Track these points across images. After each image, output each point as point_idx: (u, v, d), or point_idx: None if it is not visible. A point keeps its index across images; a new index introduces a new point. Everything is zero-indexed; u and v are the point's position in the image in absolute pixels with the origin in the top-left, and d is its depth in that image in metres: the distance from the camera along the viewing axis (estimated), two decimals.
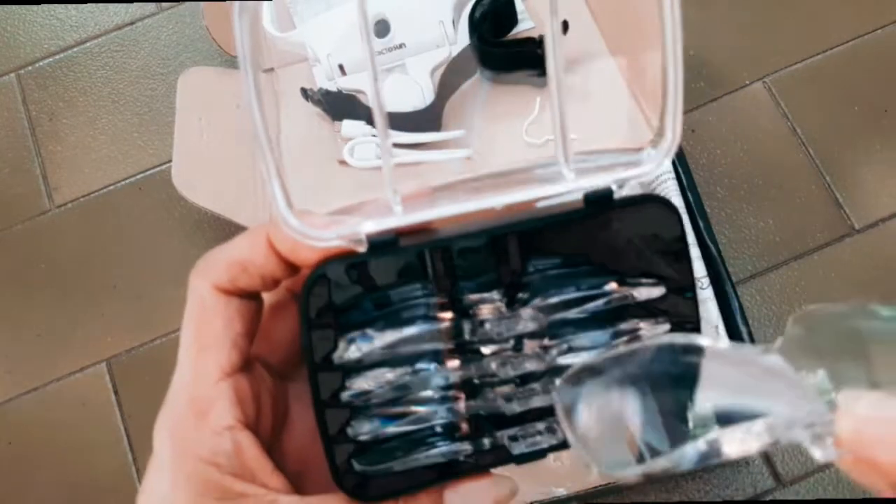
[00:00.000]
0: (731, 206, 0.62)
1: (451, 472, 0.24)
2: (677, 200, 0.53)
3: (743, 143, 0.64)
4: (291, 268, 0.23)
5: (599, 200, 0.22)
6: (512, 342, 0.24)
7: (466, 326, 0.23)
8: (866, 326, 0.20)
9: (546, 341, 0.24)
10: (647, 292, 0.24)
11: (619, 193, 0.23)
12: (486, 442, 0.24)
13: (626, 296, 0.24)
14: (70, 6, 0.75)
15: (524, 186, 0.22)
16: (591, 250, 0.24)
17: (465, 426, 0.24)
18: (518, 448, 0.24)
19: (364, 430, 0.23)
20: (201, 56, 0.71)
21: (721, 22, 0.68)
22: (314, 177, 0.61)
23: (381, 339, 0.23)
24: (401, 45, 0.59)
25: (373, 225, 0.22)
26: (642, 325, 0.24)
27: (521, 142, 0.58)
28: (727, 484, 0.56)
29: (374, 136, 0.60)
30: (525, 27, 0.62)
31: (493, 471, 0.24)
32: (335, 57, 0.60)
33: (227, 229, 0.64)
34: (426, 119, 0.58)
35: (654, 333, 0.24)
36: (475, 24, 0.58)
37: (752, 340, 0.52)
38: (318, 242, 0.21)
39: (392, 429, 0.23)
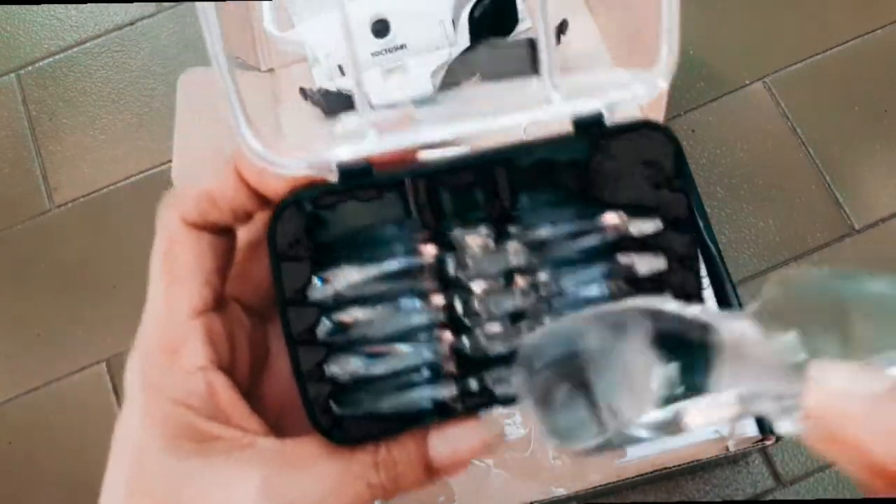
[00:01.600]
0: (731, 206, 0.62)
1: (435, 414, 0.22)
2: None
3: (743, 143, 0.64)
4: (262, 200, 0.22)
5: (589, 126, 0.21)
6: (501, 280, 0.22)
7: (451, 261, 0.22)
8: (849, 294, 0.18)
9: (536, 277, 0.23)
10: (643, 226, 0.23)
11: (610, 119, 0.21)
12: (473, 383, 0.23)
13: (620, 229, 0.22)
14: (70, 6, 0.75)
15: (509, 111, 0.21)
16: (584, 182, 0.23)
17: (449, 366, 0.23)
18: (503, 389, 0.22)
19: (342, 369, 0.22)
20: (201, 56, 0.71)
21: (721, 22, 0.68)
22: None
23: (360, 274, 0.22)
24: (401, 46, 0.59)
25: (344, 152, 0.20)
26: (637, 259, 0.23)
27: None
28: (727, 484, 0.56)
29: None
30: (525, 26, 0.62)
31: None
32: (334, 57, 0.60)
33: None
34: None
35: (652, 269, 0.23)
36: (475, 24, 0.58)
37: None
38: (285, 170, 0.20)
39: (372, 368, 0.22)
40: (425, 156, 0.21)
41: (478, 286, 0.22)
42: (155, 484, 0.21)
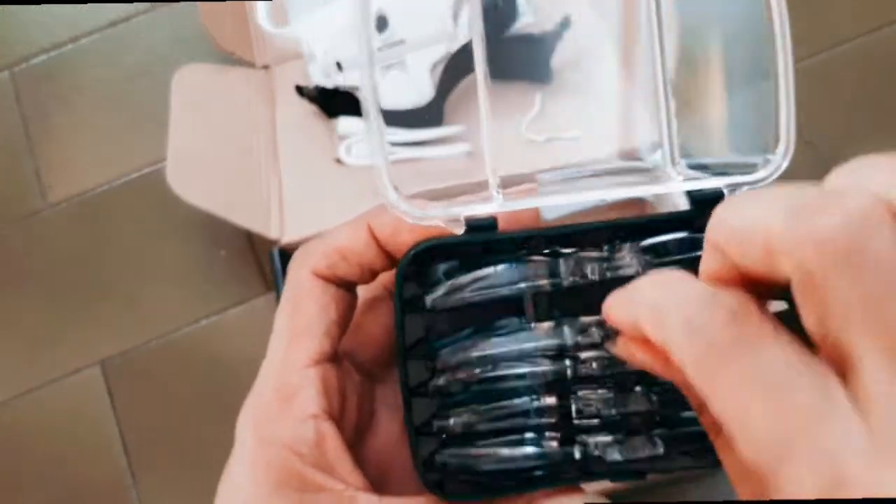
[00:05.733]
0: None
1: (537, 479, 0.23)
2: (679, 200, 0.52)
3: None
4: (389, 259, 0.24)
5: (707, 201, 0.22)
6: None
7: (567, 331, 0.23)
8: None
9: None
10: None
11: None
12: (577, 451, 0.22)
13: None
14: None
15: (629, 185, 0.22)
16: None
17: (555, 431, 0.23)
18: (612, 454, 0.22)
19: (450, 423, 0.23)
20: (197, 53, 0.70)
21: None
22: (309, 175, 0.60)
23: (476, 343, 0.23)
24: (400, 41, 0.59)
25: (472, 209, 0.22)
26: None
27: (522, 139, 0.57)
28: (731, 486, 0.55)
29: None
30: (526, 21, 0.61)
31: (585, 487, 0.23)
32: (332, 53, 0.59)
33: (221, 228, 0.63)
34: (426, 115, 0.58)
35: None
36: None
37: None
38: (420, 221, 0.22)
39: (479, 426, 0.23)
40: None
41: (589, 354, 0.23)
42: None
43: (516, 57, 0.58)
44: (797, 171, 0.68)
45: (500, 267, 0.22)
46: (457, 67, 0.58)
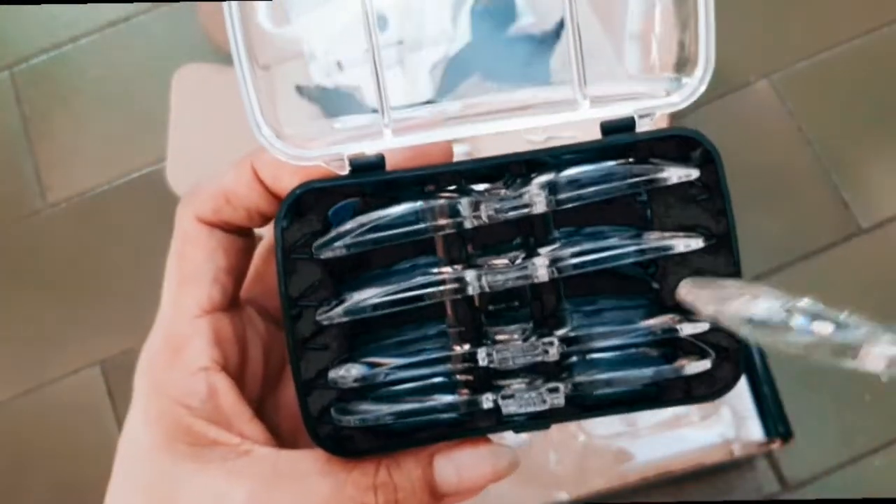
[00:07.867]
0: (737, 206, 0.61)
1: (442, 432, 0.21)
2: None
3: (748, 142, 0.63)
4: (278, 202, 0.22)
5: (619, 130, 0.20)
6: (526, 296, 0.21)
7: (471, 277, 0.20)
8: None
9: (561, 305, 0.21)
10: (686, 243, 0.21)
11: (643, 126, 0.20)
12: (485, 400, 0.21)
13: (661, 247, 0.21)
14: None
15: (534, 114, 0.20)
16: (619, 210, 0.21)
17: (461, 379, 0.21)
18: (510, 407, 0.21)
19: (347, 374, 0.20)
20: (196, 53, 0.70)
21: (726, 19, 0.67)
22: None
23: (374, 291, 0.20)
24: (399, 42, 0.58)
25: (358, 146, 0.20)
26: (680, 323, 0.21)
27: (521, 139, 0.57)
28: (732, 488, 0.55)
29: None
30: (526, 21, 0.61)
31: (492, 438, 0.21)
32: (332, 53, 0.59)
33: None
34: None
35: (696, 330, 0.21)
36: (476, 19, 0.57)
37: None
38: (298, 161, 0.20)
39: (379, 377, 0.21)
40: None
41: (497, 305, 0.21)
42: (148, 483, 0.21)
43: (516, 57, 0.58)
44: (797, 170, 0.68)
45: (394, 209, 0.20)
46: (457, 67, 0.58)
